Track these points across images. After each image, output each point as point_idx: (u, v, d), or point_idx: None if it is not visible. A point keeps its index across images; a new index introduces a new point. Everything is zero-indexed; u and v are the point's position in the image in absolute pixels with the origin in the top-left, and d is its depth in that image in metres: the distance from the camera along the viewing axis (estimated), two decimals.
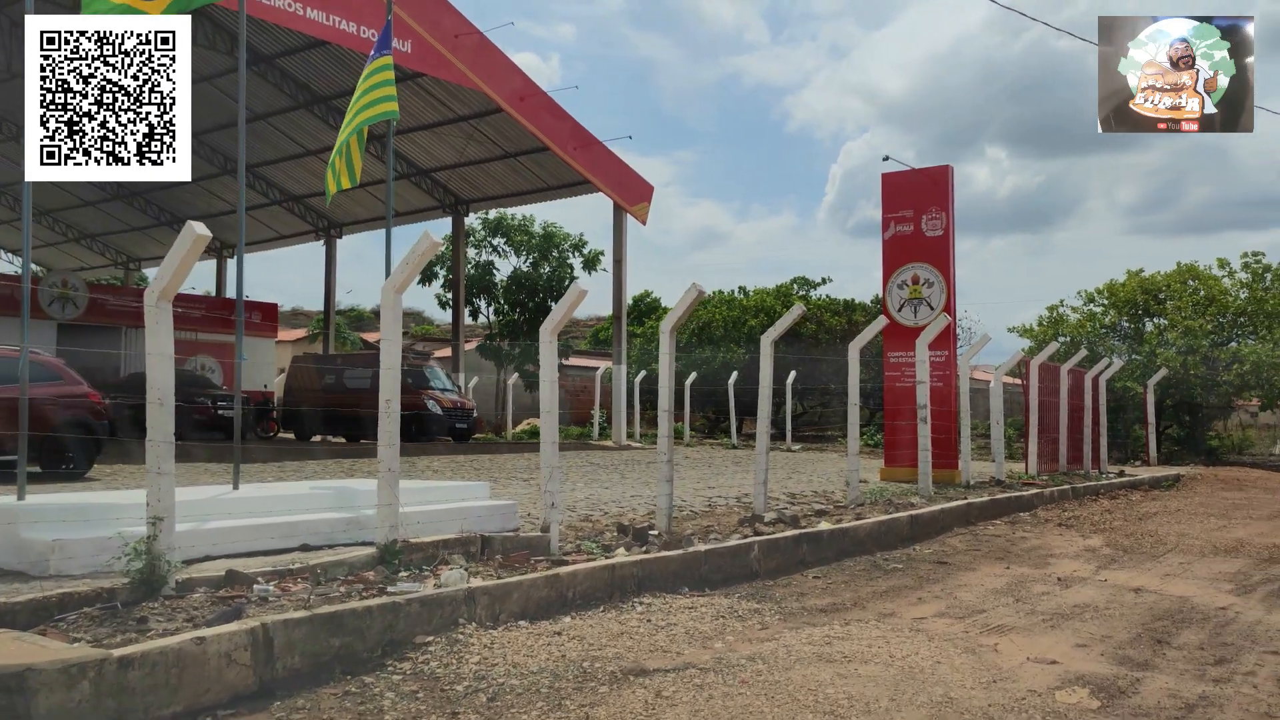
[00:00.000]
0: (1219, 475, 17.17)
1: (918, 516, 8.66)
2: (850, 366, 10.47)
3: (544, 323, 7.12)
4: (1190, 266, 27.74)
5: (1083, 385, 16.94)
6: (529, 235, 32.17)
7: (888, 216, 14.81)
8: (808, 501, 10.94)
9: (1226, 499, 13.20)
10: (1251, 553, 8.22)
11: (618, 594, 5.53)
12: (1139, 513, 11.06)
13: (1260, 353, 24.12)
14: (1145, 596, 6.34)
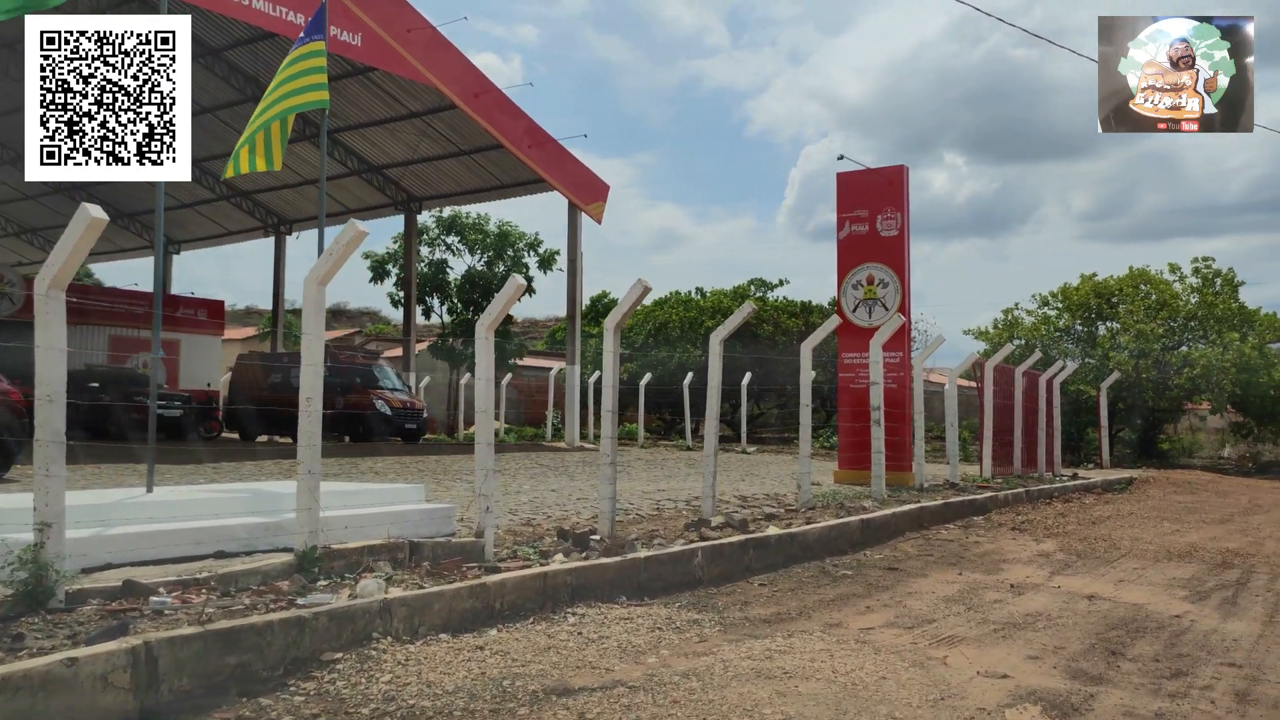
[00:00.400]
0: (1171, 478, 17.20)
1: (869, 521, 8.43)
2: (803, 366, 10.24)
3: (480, 318, 6.80)
4: (1142, 271, 27.95)
5: (1037, 388, 16.88)
6: (483, 234, 31.71)
7: (843, 216, 14.63)
8: (759, 504, 10.69)
9: (1179, 502, 13.15)
10: (1205, 557, 8.08)
11: (550, 604, 5.22)
12: (1092, 516, 10.94)
13: (1210, 357, 24.30)
14: (1099, 604, 6.15)
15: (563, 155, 24.51)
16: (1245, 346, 24.56)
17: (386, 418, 23.05)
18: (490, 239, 31.99)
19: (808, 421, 10.23)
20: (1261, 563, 7.88)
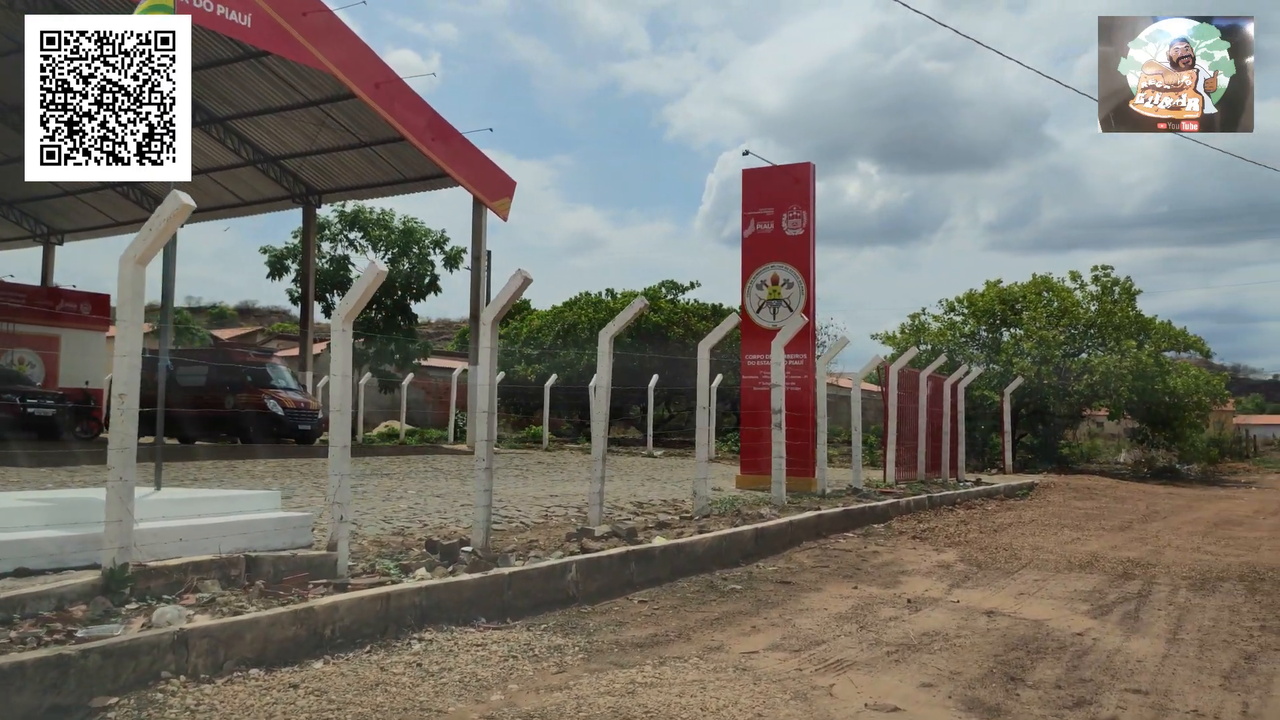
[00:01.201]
0: (1071, 483, 17.23)
1: (763, 530, 7.98)
2: (700, 366, 9.78)
3: (336, 308, 6.14)
4: (1045, 279, 28.30)
5: (942, 392, 16.74)
6: (388, 230, 30.71)
7: (748, 214, 14.24)
8: (654, 511, 10.18)
9: (1079, 508, 13.05)
10: (1106, 567, 7.82)
11: (393, 630, 4.60)
12: (994, 524, 10.69)
13: (1108, 363, 24.65)
14: (998, 621, 5.76)
15: (468, 149, 23.75)
16: (1142, 354, 24.99)
17: (278, 418, 22.00)
18: (395, 235, 31.00)
19: (705, 424, 9.76)
20: (1162, 573, 7.64)
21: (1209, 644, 5.30)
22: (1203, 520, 12.09)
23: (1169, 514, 12.84)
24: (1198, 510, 13.63)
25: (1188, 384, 25.76)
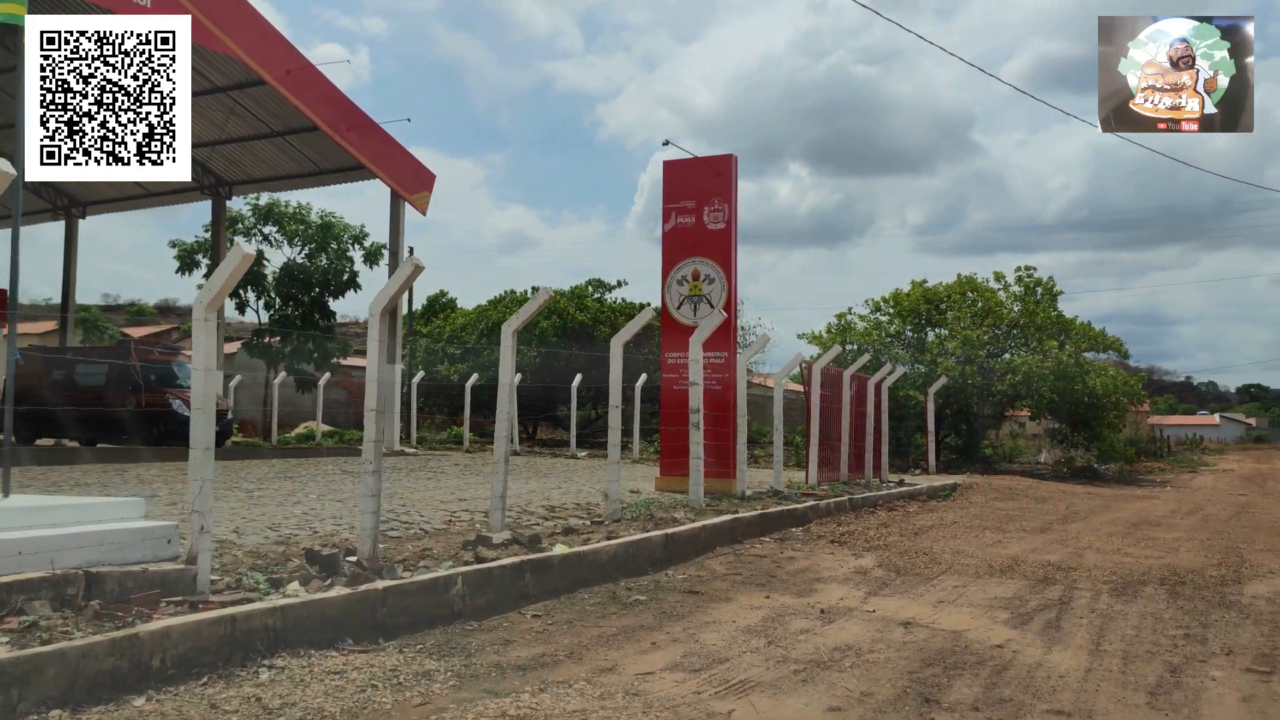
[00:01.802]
0: (993, 484, 17.17)
1: (674, 536, 7.56)
2: (612, 363, 9.35)
3: (198, 296, 5.57)
4: (969, 279, 28.45)
5: (866, 392, 16.54)
6: (305, 224, 29.70)
7: (669, 207, 13.84)
8: (565, 515, 9.71)
9: (1000, 510, 12.89)
10: (1027, 572, 7.55)
11: (239, 656, 4.07)
12: (915, 526, 10.43)
13: (1031, 363, 24.81)
14: (915, 633, 5.41)
15: (385, 141, 23.00)
16: (1063, 355, 25.21)
17: (184, 419, 21.01)
18: (312, 230, 30.01)
19: (617, 424, 9.33)
20: (1083, 576, 7.39)
21: (1133, 655, 5.01)
22: (1122, 521, 12.00)
23: (1089, 514, 12.75)
24: (1116, 510, 13.58)
25: (1106, 384, 26.06)
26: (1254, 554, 9.08)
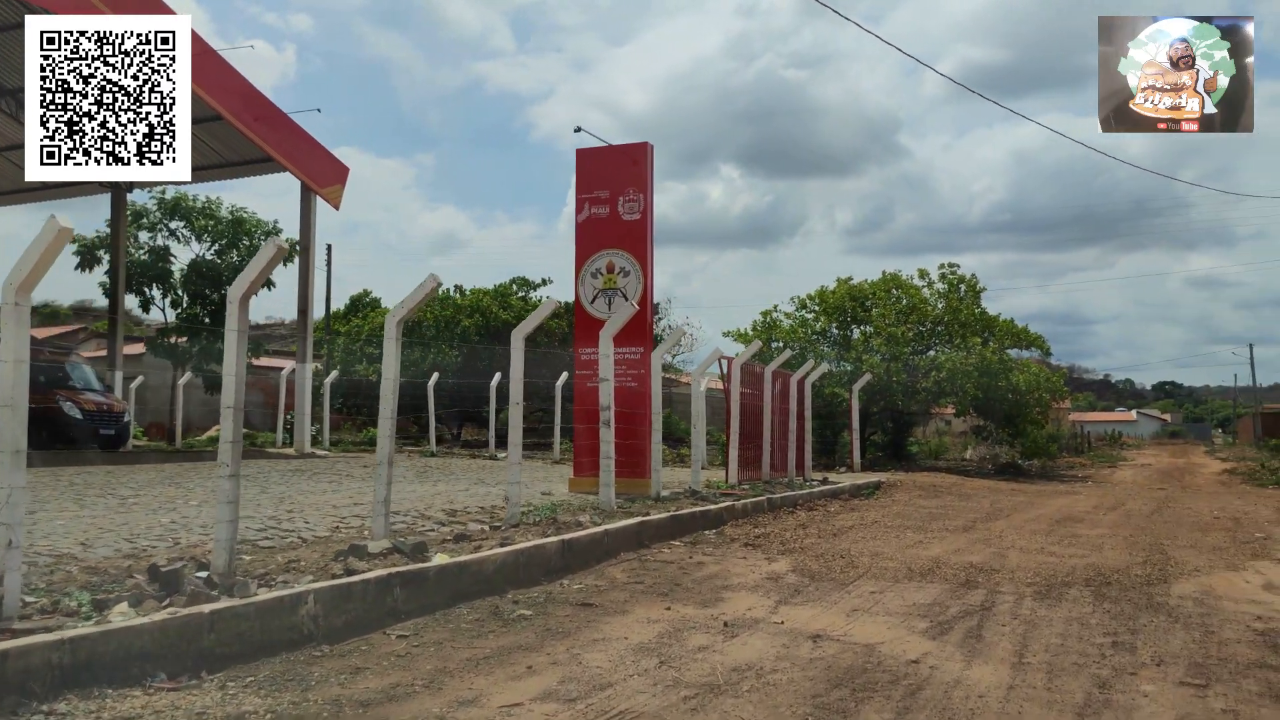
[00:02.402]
0: (918, 481, 16.89)
1: (572, 542, 6.97)
2: (513, 357, 8.74)
3: (6, 280, 4.84)
4: (894, 276, 28.35)
5: (789, 389, 16.14)
6: (214, 219, 28.51)
7: (582, 197, 13.25)
8: (465, 520, 9.07)
9: (924, 508, 12.54)
10: (948, 575, 7.12)
11: (12, 702, 3.38)
12: (835, 527, 9.99)
13: (955, 360, 24.75)
14: (825, 647, 4.90)
15: (294, 132, 22.06)
16: (986, 351, 25.20)
17: (77, 422, 19.86)
18: (223, 226, 28.82)
19: (518, 422, 8.72)
20: (1006, 579, 6.98)
21: (1059, 668, 4.56)
22: (1045, 518, 11.73)
23: (1012, 511, 12.47)
24: (1040, 507, 13.34)
25: (1029, 381, 26.11)
26: (1177, 551, 8.81)
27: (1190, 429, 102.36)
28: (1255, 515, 12.73)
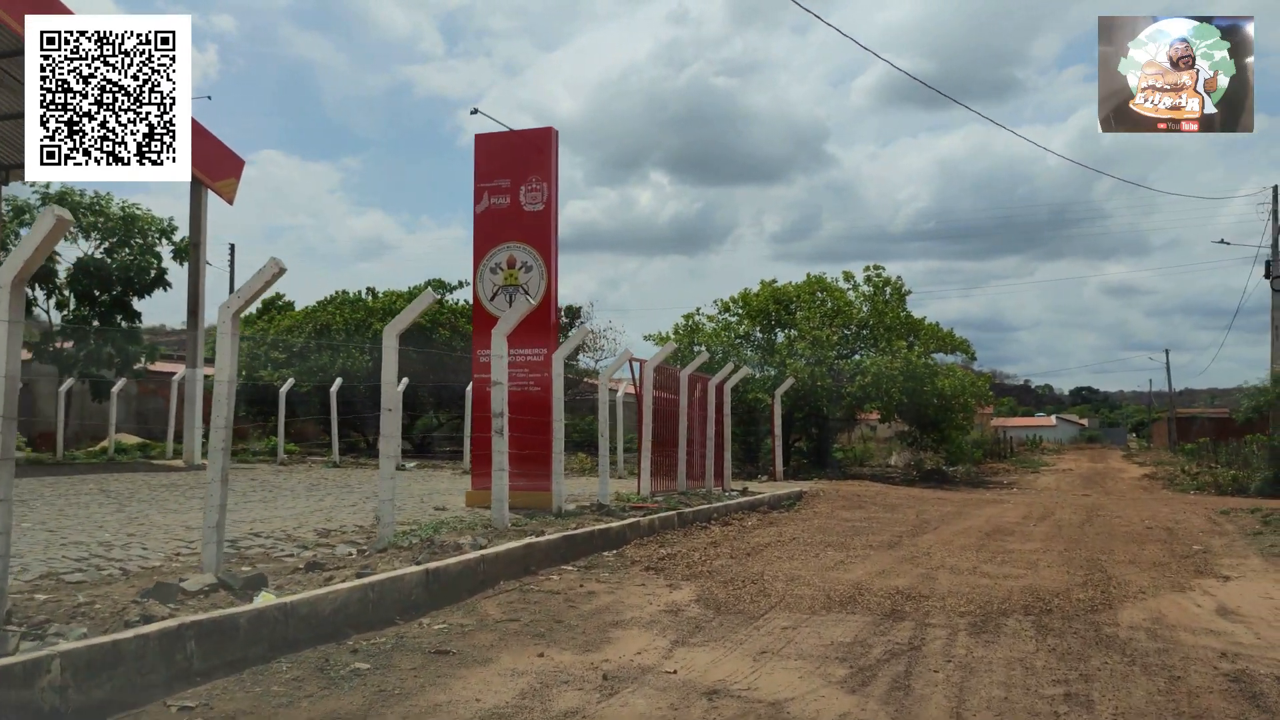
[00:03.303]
0: (841, 491, 16.15)
1: (439, 572, 5.96)
2: (385, 358, 7.69)
3: None
4: (819, 278, 27.79)
5: (707, 394, 15.29)
6: (103, 216, 26.74)
7: (481, 186, 12.22)
8: (336, 542, 8.00)
9: (846, 521, 11.75)
10: (871, 603, 6.26)
11: None
12: (750, 544, 9.11)
13: (880, 364, 24.20)
14: (722, 708, 3.98)
15: None
16: (912, 355, 24.71)
17: None
18: (113, 222, 27.05)
19: (394, 432, 7.70)
20: (936, 607, 6.15)
21: None
22: (974, 530, 11.02)
23: (939, 523, 11.75)
24: (968, 518, 12.66)
25: (955, 386, 25.70)
26: (1118, 568, 8.11)
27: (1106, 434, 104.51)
28: (1187, 525, 12.20)
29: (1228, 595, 6.91)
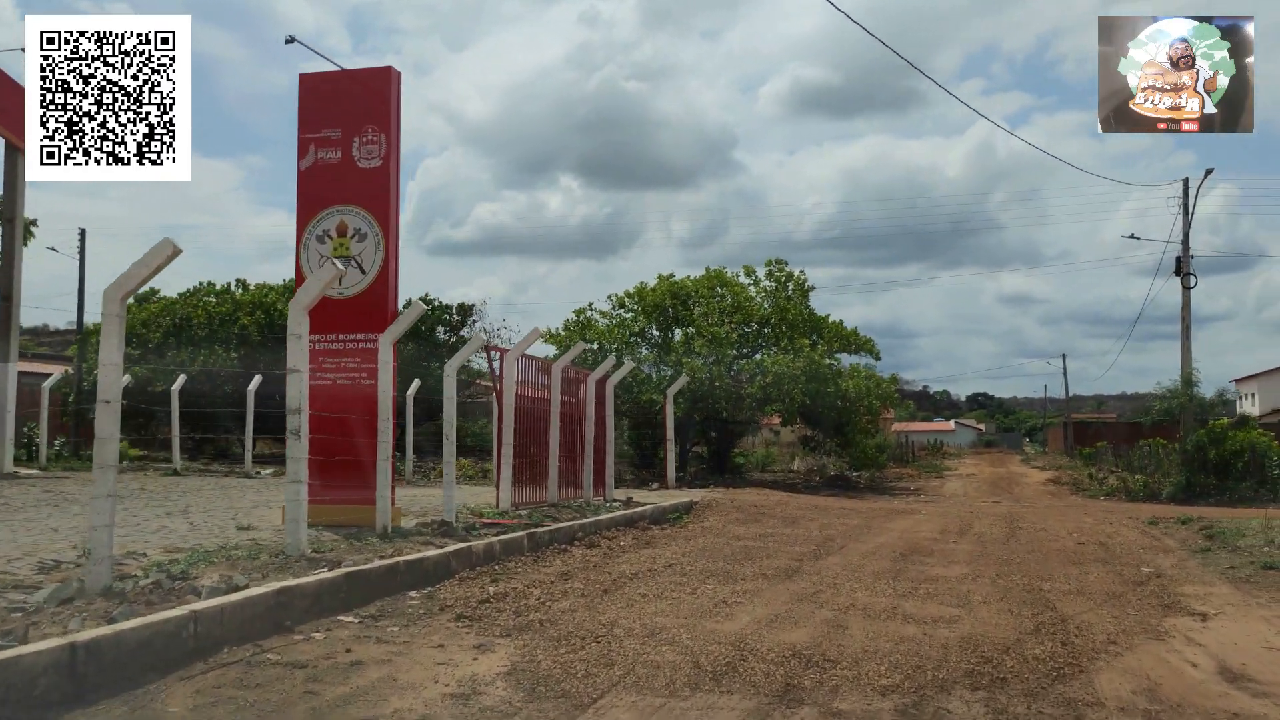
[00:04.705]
0: (738, 500, 14.43)
1: (97, 645, 3.89)
2: (105, 327, 5.59)
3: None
4: (719, 272, 26.21)
5: (587, 392, 13.41)
6: None
7: (307, 137, 10.08)
8: (60, 578, 5.85)
9: (738, 539, 9.96)
10: (757, 675, 4.41)
11: None
12: (613, 575, 7.21)
13: (782, 364, 22.64)
14: None
15: None
16: (815, 354, 23.23)
17: None
18: None
19: (110, 434, 5.57)
20: (848, 681, 4.35)
21: None
22: (887, 550, 9.35)
23: (846, 540, 10.07)
24: (878, 533, 11.02)
25: (859, 387, 24.33)
26: (1066, 602, 6.48)
27: (1003, 438, 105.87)
28: (1121, 539, 10.77)
29: (1220, 645, 5.28)
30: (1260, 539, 9.89)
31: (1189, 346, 22.58)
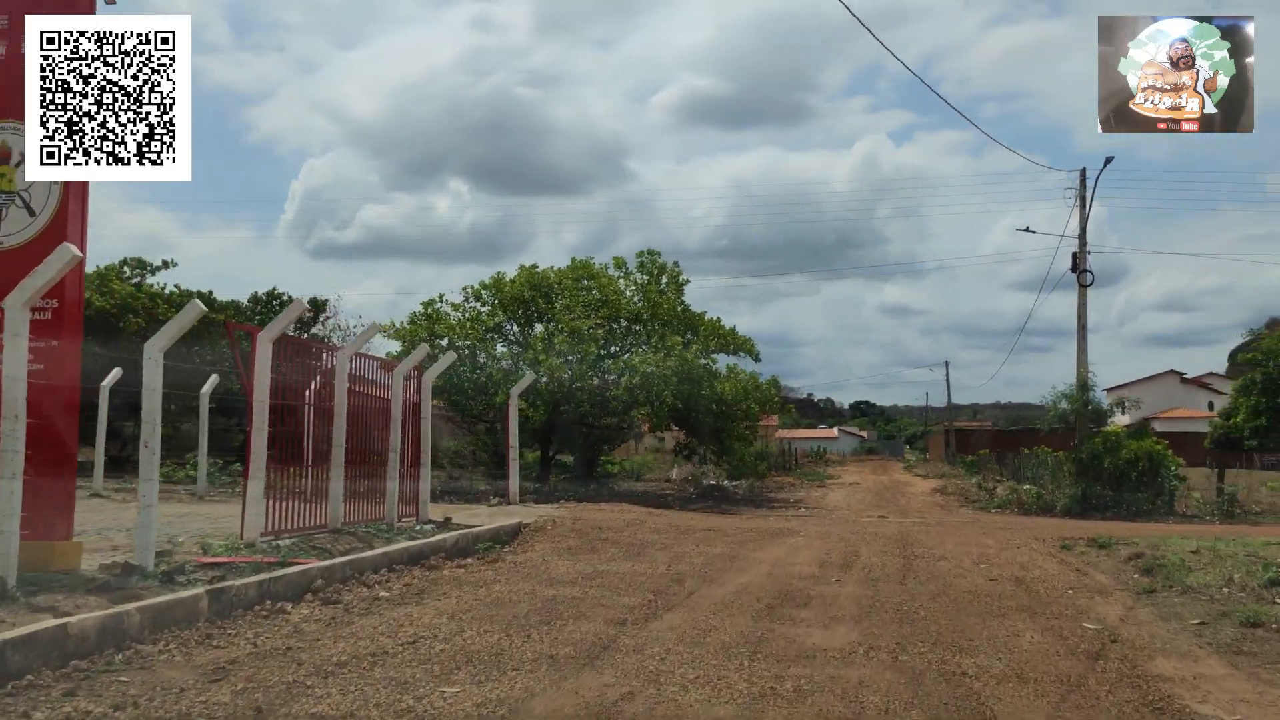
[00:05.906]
0: (584, 519, 11.98)
1: None
2: None
3: None
4: (585, 263, 23.74)
5: (392, 388, 10.78)
6: None
7: None
8: None
9: (552, 583, 7.46)
10: None
11: None
12: (309, 666, 4.63)
13: (652, 362, 20.25)
14: None
15: None
16: (689, 354, 20.91)
17: None
18: None
19: None
20: None
21: None
22: (750, 596, 7.02)
23: (699, 582, 7.71)
24: (744, 567, 8.71)
25: (737, 390, 22.17)
26: (1007, 704, 4.21)
27: (885, 445, 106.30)
28: (1039, 572, 8.71)
29: None
30: (1213, 575, 7.90)
31: (1085, 348, 21.13)
